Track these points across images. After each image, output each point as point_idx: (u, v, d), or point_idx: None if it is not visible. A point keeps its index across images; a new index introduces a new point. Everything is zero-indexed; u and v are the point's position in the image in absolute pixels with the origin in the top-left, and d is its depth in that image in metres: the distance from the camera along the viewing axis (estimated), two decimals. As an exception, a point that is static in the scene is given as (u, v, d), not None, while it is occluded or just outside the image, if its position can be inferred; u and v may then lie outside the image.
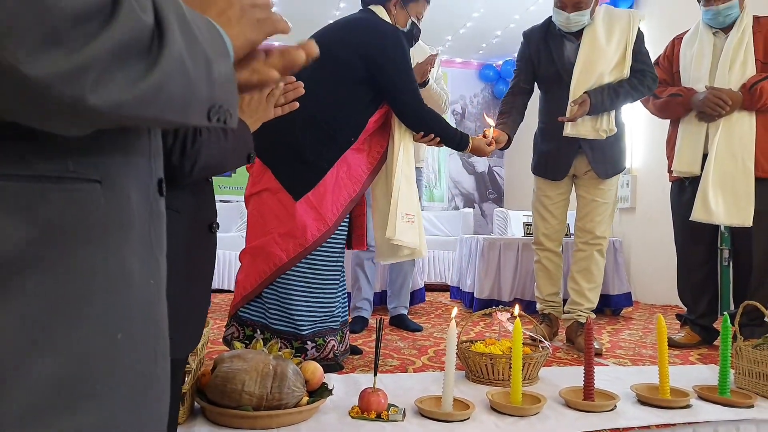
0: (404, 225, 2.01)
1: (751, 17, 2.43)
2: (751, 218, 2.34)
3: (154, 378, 0.56)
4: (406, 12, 2.14)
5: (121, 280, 0.50)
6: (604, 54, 2.34)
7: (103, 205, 0.47)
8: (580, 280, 2.47)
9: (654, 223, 4.17)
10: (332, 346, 1.94)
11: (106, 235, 0.48)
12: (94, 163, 0.47)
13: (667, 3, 4.40)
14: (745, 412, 1.54)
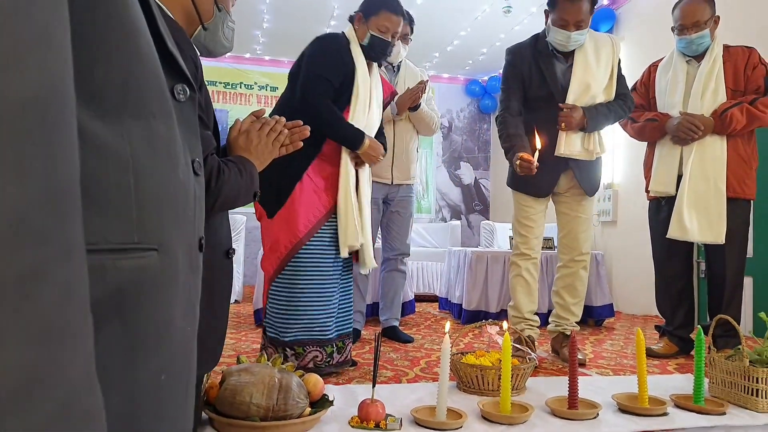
0: (356, 229, 2.13)
1: (721, 46, 2.59)
2: (724, 236, 2.48)
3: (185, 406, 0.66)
4: (366, 26, 2.22)
5: (166, 329, 0.58)
6: (595, 76, 2.41)
7: (158, 268, 0.55)
8: (566, 296, 2.53)
9: (634, 237, 4.32)
10: (313, 356, 2.06)
11: (158, 293, 0.56)
12: (153, 233, 0.55)
13: (643, 30, 4.59)
14: (717, 419, 1.63)
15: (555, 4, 2.35)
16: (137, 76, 0.50)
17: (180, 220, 0.60)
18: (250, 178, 1.14)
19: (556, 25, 2.36)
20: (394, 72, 2.97)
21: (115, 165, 0.50)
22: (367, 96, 2.20)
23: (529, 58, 2.46)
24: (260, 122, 1.29)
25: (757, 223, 3.43)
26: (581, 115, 2.37)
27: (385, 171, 2.89)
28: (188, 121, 0.63)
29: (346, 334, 2.18)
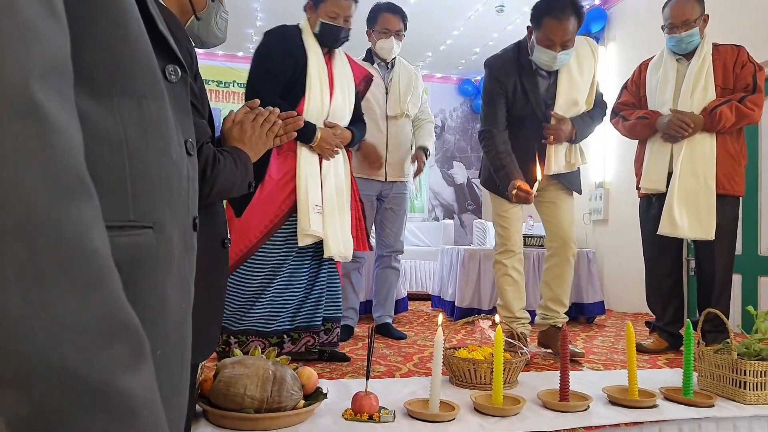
0: (315, 215, 2.17)
1: (710, 45, 2.62)
2: (713, 232, 2.52)
3: (179, 386, 0.67)
4: (316, 14, 2.26)
5: (161, 307, 0.59)
6: (580, 89, 2.43)
7: (154, 246, 0.57)
8: (555, 287, 2.52)
9: (625, 235, 4.36)
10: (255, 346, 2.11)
11: (154, 271, 0.57)
12: (148, 212, 0.56)
13: (634, 30, 4.63)
14: (706, 411, 1.66)
15: (540, 23, 2.27)
16: (128, 57, 0.51)
17: (174, 199, 0.61)
18: (245, 168, 1.15)
19: (541, 44, 2.28)
20: (387, 69, 2.98)
21: (109, 144, 0.51)
22: (322, 84, 2.22)
23: (514, 74, 2.39)
24: (254, 113, 1.30)
25: (745, 220, 3.47)
26: (570, 128, 2.40)
27: (379, 168, 2.90)
28: (180, 101, 0.64)
29: (305, 328, 2.23)
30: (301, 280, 2.23)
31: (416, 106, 3.02)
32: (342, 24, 2.26)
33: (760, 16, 3.47)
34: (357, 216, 2.37)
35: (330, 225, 2.21)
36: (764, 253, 3.48)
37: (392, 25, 2.85)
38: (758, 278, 3.51)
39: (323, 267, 2.30)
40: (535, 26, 2.31)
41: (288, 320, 2.21)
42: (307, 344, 2.22)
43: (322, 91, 2.22)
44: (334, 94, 2.26)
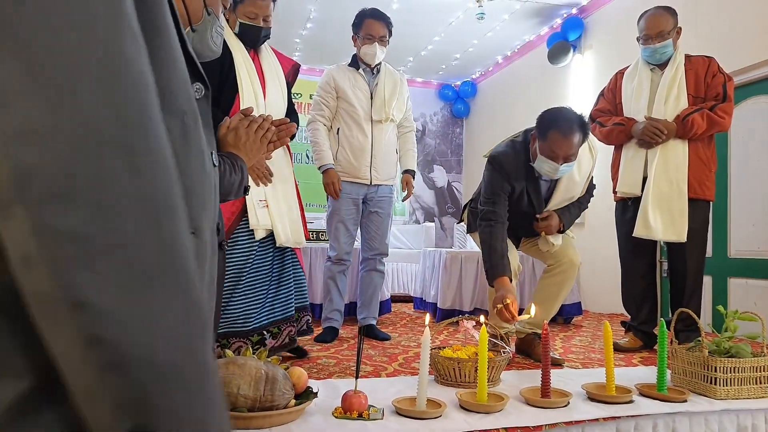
0: (261, 210, 2.23)
1: (683, 56, 2.73)
2: (685, 234, 2.62)
3: None
4: (235, 15, 2.30)
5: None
6: (577, 188, 2.51)
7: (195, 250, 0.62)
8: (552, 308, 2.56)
9: (602, 239, 4.48)
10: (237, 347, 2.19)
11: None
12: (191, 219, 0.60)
13: (610, 39, 4.76)
14: (679, 406, 1.73)
15: (546, 135, 2.28)
16: (174, 76, 0.55)
17: (207, 207, 0.66)
18: (241, 173, 1.18)
19: (544, 154, 2.30)
20: (372, 74, 3.03)
21: None
22: (252, 81, 2.26)
23: (523, 180, 2.43)
24: (248, 120, 1.33)
25: (715, 224, 3.61)
26: (558, 221, 2.49)
27: (364, 171, 2.95)
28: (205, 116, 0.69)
29: (282, 320, 2.29)
30: (267, 274, 2.30)
31: (401, 111, 3.07)
32: (261, 24, 2.29)
33: (729, 29, 3.62)
34: (301, 205, 2.50)
35: (277, 215, 2.28)
36: (734, 255, 3.62)
37: (376, 31, 2.91)
38: (728, 279, 3.65)
39: (286, 257, 2.38)
40: (540, 136, 2.32)
41: (264, 315, 2.26)
42: (289, 334, 2.31)
43: (254, 89, 2.26)
44: (267, 88, 2.31)
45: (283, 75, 2.43)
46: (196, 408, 0.39)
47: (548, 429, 1.57)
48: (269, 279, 2.30)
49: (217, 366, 0.74)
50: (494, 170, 2.44)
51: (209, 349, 0.42)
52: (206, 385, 0.41)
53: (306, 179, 6.74)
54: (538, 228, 2.53)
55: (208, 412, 0.40)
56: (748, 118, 3.53)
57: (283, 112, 2.38)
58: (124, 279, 0.35)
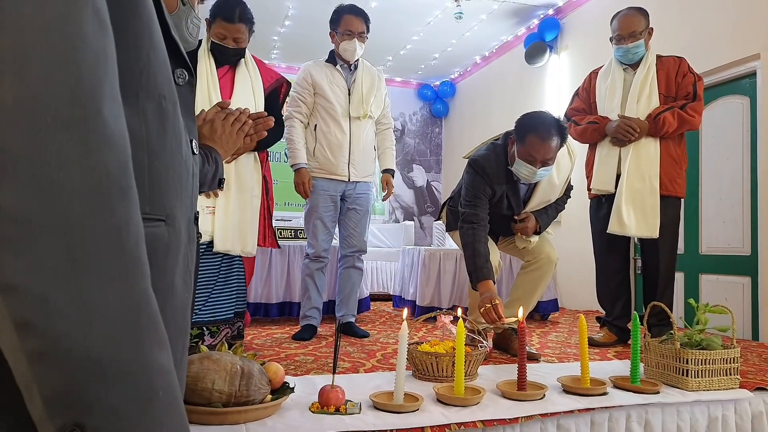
0: (205, 216, 2.27)
1: (654, 56, 2.79)
2: (657, 230, 2.67)
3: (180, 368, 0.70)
4: (209, 34, 2.39)
5: (169, 294, 0.63)
6: (555, 190, 2.57)
7: (166, 237, 0.60)
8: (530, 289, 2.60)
9: (577, 236, 4.54)
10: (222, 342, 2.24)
11: (164, 260, 0.61)
12: (162, 205, 0.60)
13: (585, 39, 4.84)
14: (652, 397, 1.76)
15: (524, 139, 2.32)
16: (152, 60, 0.54)
17: (182, 194, 0.65)
18: (216, 165, 1.17)
19: (522, 158, 2.33)
20: (350, 71, 3.02)
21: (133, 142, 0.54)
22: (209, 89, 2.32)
23: (504, 184, 2.46)
24: (225, 112, 1.32)
25: (687, 221, 3.69)
26: (534, 223, 2.55)
27: (342, 168, 2.94)
28: (186, 103, 0.67)
29: (222, 321, 2.34)
30: (213, 274, 2.33)
31: (379, 107, 3.07)
32: (231, 44, 2.37)
33: (700, 32, 3.71)
34: (265, 214, 2.51)
35: (221, 224, 2.30)
36: (705, 252, 3.70)
37: (355, 27, 2.90)
38: (699, 276, 3.73)
39: (234, 263, 2.41)
40: (518, 140, 2.35)
41: (205, 312, 2.29)
42: (226, 335, 2.35)
43: (209, 94, 2.31)
44: (234, 97, 2.36)
45: (261, 91, 2.47)
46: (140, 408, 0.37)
47: (524, 421, 1.59)
48: (215, 280, 2.34)
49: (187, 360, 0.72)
50: (476, 174, 2.46)
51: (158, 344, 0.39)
52: (153, 384, 0.38)
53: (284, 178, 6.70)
54: (515, 229, 2.56)
55: (156, 413, 0.38)
56: (718, 117, 3.62)
57: None
58: (61, 264, 0.33)
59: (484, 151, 2.54)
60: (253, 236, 2.42)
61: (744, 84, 3.49)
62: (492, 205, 2.49)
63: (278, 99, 2.58)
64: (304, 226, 3.10)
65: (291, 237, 4.01)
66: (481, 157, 2.49)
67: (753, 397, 1.85)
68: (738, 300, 3.42)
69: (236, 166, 2.36)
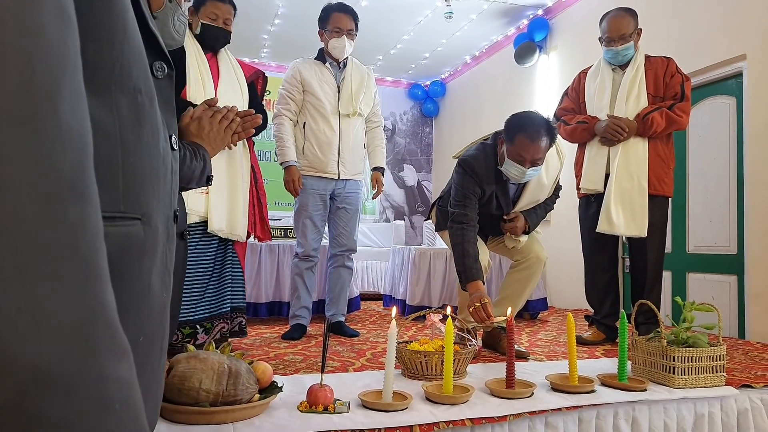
0: (197, 195, 2.25)
1: (643, 56, 2.81)
2: (646, 229, 2.69)
3: (157, 374, 0.69)
4: (198, 17, 2.39)
5: (146, 295, 0.61)
6: (544, 190, 2.58)
7: (142, 237, 0.59)
8: (518, 288, 2.61)
9: (566, 235, 4.56)
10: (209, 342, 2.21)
11: (140, 260, 0.59)
12: (137, 204, 0.58)
13: (574, 39, 4.86)
14: (639, 395, 1.77)
15: (513, 139, 2.33)
16: (126, 51, 0.53)
17: (160, 192, 0.63)
18: (203, 162, 1.16)
19: (511, 158, 2.34)
20: (339, 69, 3.02)
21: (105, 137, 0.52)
22: (202, 77, 2.32)
23: (494, 184, 2.47)
24: (212, 110, 1.31)
25: (674, 221, 3.72)
26: (524, 223, 2.56)
27: (331, 166, 2.93)
28: (166, 97, 0.66)
29: (216, 316, 2.31)
30: (208, 267, 2.31)
31: (369, 105, 3.06)
32: (222, 25, 2.39)
33: (687, 32, 3.74)
34: (254, 202, 2.51)
35: (215, 204, 2.30)
36: (692, 251, 3.74)
37: (344, 24, 2.89)
38: (686, 274, 3.76)
39: (228, 254, 2.39)
40: (508, 139, 2.36)
41: (200, 309, 2.27)
42: (221, 330, 2.32)
43: (204, 84, 2.31)
44: (220, 87, 2.36)
45: (243, 79, 2.49)
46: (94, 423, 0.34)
47: (513, 419, 1.59)
48: (210, 273, 2.31)
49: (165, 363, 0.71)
50: (465, 174, 2.47)
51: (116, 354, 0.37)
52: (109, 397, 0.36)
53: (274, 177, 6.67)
54: (504, 229, 2.57)
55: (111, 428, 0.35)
56: (704, 117, 3.65)
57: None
58: (7, 269, 0.31)
59: (473, 151, 2.55)
60: (244, 220, 2.41)
61: (730, 84, 3.53)
62: (481, 204, 2.50)
63: (256, 90, 2.60)
64: (293, 225, 3.09)
65: (281, 236, 3.99)
66: (471, 157, 2.50)
67: (739, 395, 1.87)
68: (724, 298, 3.46)
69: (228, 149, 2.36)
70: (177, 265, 1.18)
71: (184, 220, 1.18)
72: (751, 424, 1.85)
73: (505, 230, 2.58)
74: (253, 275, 3.59)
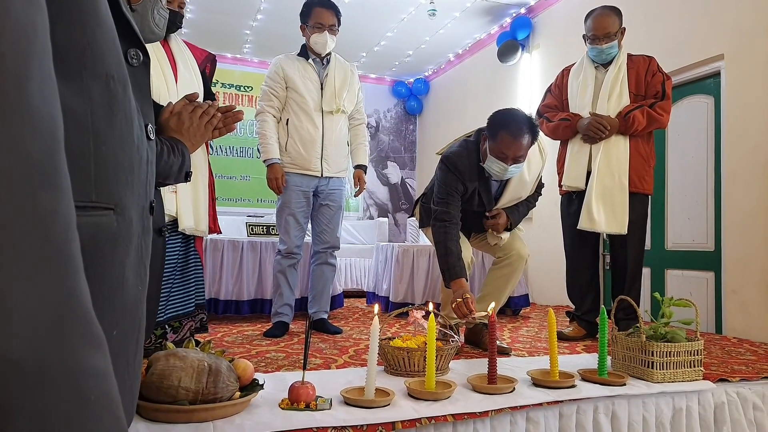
0: (169, 195, 2.25)
1: (626, 55, 2.84)
2: (626, 227, 2.73)
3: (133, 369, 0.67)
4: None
5: (119, 287, 0.60)
6: (525, 188, 2.58)
7: (115, 227, 0.57)
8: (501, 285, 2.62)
9: (548, 232, 4.60)
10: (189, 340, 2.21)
11: (114, 251, 0.58)
12: (110, 193, 0.57)
13: (557, 38, 4.90)
14: (619, 389, 1.79)
15: (496, 136, 2.34)
16: (98, 37, 0.51)
17: (135, 182, 0.61)
18: (182, 157, 1.14)
19: (494, 155, 2.35)
20: (322, 65, 3.00)
21: (75, 125, 0.51)
22: (161, 65, 2.29)
23: (476, 180, 2.48)
24: (192, 105, 1.29)
25: (654, 218, 3.77)
26: (506, 219, 2.57)
27: (314, 163, 2.91)
28: (141, 86, 0.64)
29: (183, 315, 2.31)
30: (172, 267, 2.30)
31: (352, 102, 3.04)
32: (176, 9, 2.36)
33: (668, 31, 3.79)
34: (212, 196, 2.52)
35: (183, 202, 2.29)
36: (670, 248, 3.79)
37: (325, 20, 2.87)
38: (665, 271, 3.82)
39: (190, 251, 2.38)
40: (490, 136, 2.38)
41: (168, 309, 2.26)
42: (190, 329, 2.33)
43: (163, 72, 2.28)
44: (179, 74, 2.33)
45: (196, 64, 2.46)
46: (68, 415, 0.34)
47: (494, 415, 1.60)
48: (173, 272, 2.30)
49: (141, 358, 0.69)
50: (448, 171, 2.47)
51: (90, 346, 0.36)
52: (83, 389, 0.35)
53: (256, 174, 6.63)
54: (486, 225, 2.58)
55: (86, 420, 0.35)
56: (684, 116, 3.71)
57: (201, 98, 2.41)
58: None
59: (456, 147, 2.55)
60: (206, 215, 2.41)
61: (708, 84, 3.58)
62: (464, 201, 2.51)
63: (207, 76, 2.58)
64: (276, 222, 3.07)
65: (263, 233, 3.96)
66: (454, 154, 2.51)
67: (716, 389, 1.90)
68: (702, 294, 3.52)
69: None
70: (155, 261, 1.16)
71: (161, 215, 1.16)
72: (727, 418, 1.88)
73: (488, 227, 2.59)
74: (234, 273, 3.56)
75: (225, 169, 6.54)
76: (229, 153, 6.64)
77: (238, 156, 6.70)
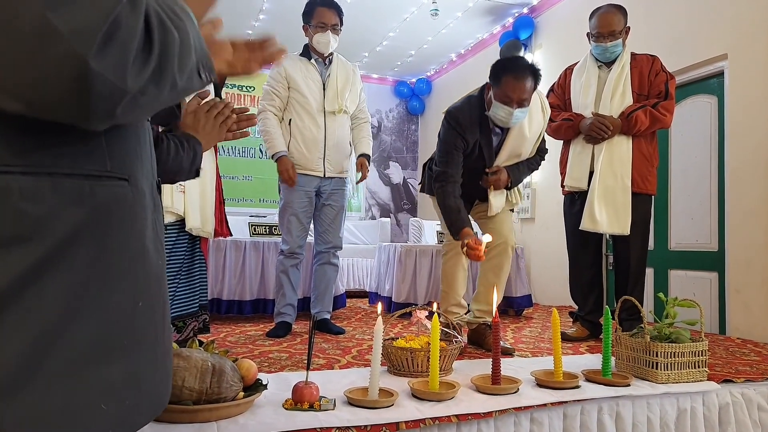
0: (177, 194, 2.26)
1: (629, 54, 2.83)
2: (629, 227, 2.72)
3: (162, 338, 0.68)
4: None
5: (142, 257, 0.62)
6: (525, 143, 2.55)
7: (131, 198, 0.60)
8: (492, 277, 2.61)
9: (551, 232, 4.60)
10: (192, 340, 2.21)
11: (132, 222, 0.60)
12: (123, 164, 0.59)
13: (559, 37, 4.89)
14: (623, 390, 1.79)
15: (499, 80, 2.35)
16: None
17: (143, 157, 0.64)
18: (193, 154, 1.14)
19: (498, 99, 2.36)
20: (325, 65, 2.99)
21: None
22: None
23: (477, 133, 2.47)
24: (209, 104, 1.30)
25: (657, 218, 3.76)
26: (506, 177, 2.55)
27: (317, 163, 2.91)
28: None
29: (188, 314, 2.31)
30: (178, 266, 2.30)
31: (354, 102, 3.04)
32: None
33: (671, 31, 3.78)
34: (219, 198, 2.52)
35: (190, 202, 2.30)
36: (674, 248, 3.78)
37: (328, 19, 2.87)
38: (668, 271, 3.81)
39: (195, 251, 2.39)
40: (494, 82, 2.39)
41: (173, 308, 2.26)
42: (193, 329, 2.33)
43: None
44: None
45: None
46: None
47: (498, 415, 1.59)
48: (179, 272, 2.30)
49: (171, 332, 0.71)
50: (449, 126, 2.49)
51: None
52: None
53: (259, 174, 6.64)
54: (487, 183, 2.55)
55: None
56: (687, 116, 3.70)
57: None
58: None
59: (459, 103, 2.58)
60: (212, 217, 2.43)
61: (712, 83, 3.57)
62: (465, 156, 2.51)
63: None
64: (278, 222, 3.07)
65: (266, 233, 3.96)
66: (456, 109, 2.53)
67: (720, 389, 1.89)
68: (705, 295, 3.51)
69: None
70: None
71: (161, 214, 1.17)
72: (732, 419, 1.87)
73: (489, 184, 2.55)
74: (237, 273, 3.56)
75: (228, 169, 6.55)
76: (231, 153, 6.65)
77: (240, 156, 6.70)
